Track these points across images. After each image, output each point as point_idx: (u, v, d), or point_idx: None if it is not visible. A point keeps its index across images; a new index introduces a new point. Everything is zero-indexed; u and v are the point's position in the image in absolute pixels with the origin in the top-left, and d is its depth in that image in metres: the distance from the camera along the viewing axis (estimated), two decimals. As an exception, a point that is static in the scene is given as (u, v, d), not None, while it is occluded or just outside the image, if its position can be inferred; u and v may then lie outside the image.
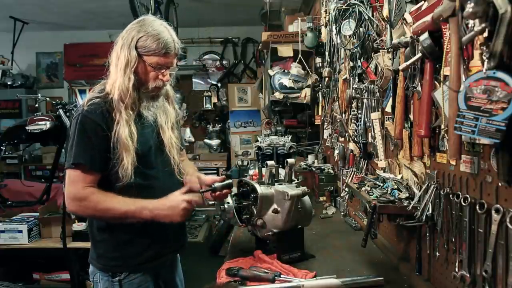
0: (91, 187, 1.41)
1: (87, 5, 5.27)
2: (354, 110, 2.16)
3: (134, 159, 1.42)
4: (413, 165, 1.47)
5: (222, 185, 1.63)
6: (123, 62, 1.43)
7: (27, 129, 3.44)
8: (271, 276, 1.43)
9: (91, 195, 1.40)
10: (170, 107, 1.64)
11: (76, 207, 1.42)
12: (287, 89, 3.53)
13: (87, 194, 1.40)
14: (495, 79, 0.88)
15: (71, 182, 1.42)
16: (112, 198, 1.42)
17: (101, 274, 1.51)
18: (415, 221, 1.31)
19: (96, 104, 1.44)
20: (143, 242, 1.51)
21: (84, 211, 1.46)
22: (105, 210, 1.42)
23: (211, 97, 6.34)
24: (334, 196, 2.65)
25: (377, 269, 1.59)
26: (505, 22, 0.83)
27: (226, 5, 5.42)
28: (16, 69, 6.36)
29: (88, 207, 1.41)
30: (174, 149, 1.59)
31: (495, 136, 0.88)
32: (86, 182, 1.40)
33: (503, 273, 0.96)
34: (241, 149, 6.20)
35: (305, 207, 1.69)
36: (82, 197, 1.40)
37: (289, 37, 3.63)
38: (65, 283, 3.32)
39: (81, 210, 1.44)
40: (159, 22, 1.49)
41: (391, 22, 1.58)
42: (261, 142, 2.65)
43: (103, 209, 1.41)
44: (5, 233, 2.95)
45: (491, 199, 1.02)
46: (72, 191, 1.41)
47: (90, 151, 1.41)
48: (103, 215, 1.45)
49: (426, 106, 1.23)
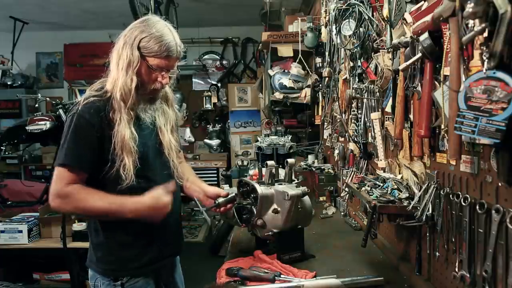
0: (74, 184, 1.39)
1: (87, 5, 5.27)
2: (354, 110, 2.16)
3: (136, 161, 1.42)
4: (413, 165, 1.47)
5: (225, 200, 1.65)
6: (125, 61, 1.42)
7: (27, 129, 3.45)
8: (271, 276, 1.43)
9: (74, 193, 1.38)
10: (170, 110, 1.63)
11: (58, 203, 1.40)
12: (287, 89, 3.53)
13: (70, 191, 1.38)
14: (495, 79, 0.88)
15: (56, 180, 1.40)
16: (94, 196, 1.39)
17: (102, 278, 1.50)
18: (415, 221, 1.31)
19: (92, 103, 1.42)
20: (140, 245, 1.50)
21: (65, 208, 1.43)
22: (85, 208, 1.40)
23: (211, 97, 6.34)
24: (334, 196, 2.65)
25: (377, 269, 1.59)
26: (505, 22, 0.83)
27: (226, 5, 5.42)
28: (16, 69, 6.36)
29: (69, 203, 1.39)
30: (173, 151, 1.58)
31: (495, 136, 0.88)
32: (70, 180, 1.39)
33: (503, 273, 0.96)
34: (241, 149, 6.20)
35: (305, 207, 1.68)
36: (64, 194, 1.38)
37: (289, 37, 3.63)
38: (65, 283, 3.32)
39: (62, 206, 1.42)
40: (163, 24, 1.47)
41: (391, 22, 1.58)
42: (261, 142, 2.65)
43: (84, 206, 1.40)
44: (5, 233, 2.95)
45: (491, 199, 1.02)
46: (55, 188, 1.40)
47: (80, 151, 1.40)
48: (85, 213, 1.45)
49: (426, 106, 1.23)
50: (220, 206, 1.65)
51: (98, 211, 1.41)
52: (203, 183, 1.75)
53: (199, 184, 1.73)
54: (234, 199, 1.68)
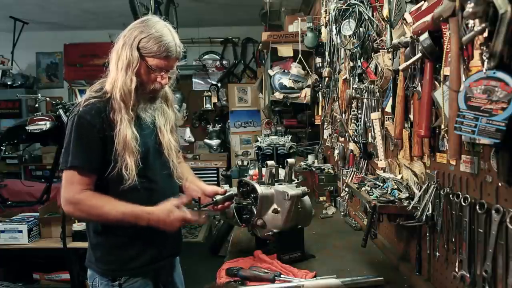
0: (87, 191, 1.40)
1: (87, 5, 5.27)
2: (354, 110, 2.16)
3: (138, 161, 1.42)
4: (413, 165, 1.47)
5: (224, 198, 1.65)
6: (125, 62, 1.42)
7: (27, 129, 3.44)
8: (271, 276, 1.43)
9: (86, 200, 1.39)
10: (169, 110, 1.63)
11: (71, 209, 1.42)
12: (287, 89, 3.53)
13: (83, 198, 1.39)
14: (495, 79, 0.88)
15: (67, 184, 1.41)
16: (108, 204, 1.40)
17: (101, 278, 1.50)
18: (415, 221, 1.31)
19: (92, 104, 1.42)
20: (139, 246, 1.50)
21: (79, 215, 1.46)
22: (98, 215, 1.42)
23: (211, 97, 6.34)
24: (334, 196, 2.65)
25: (377, 269, 1.59)
26: (505, 22, 0.83)
27: (226, 5, 5.42)
28: (16, 69, 6.36)
29: (83, 210, 1.41)
30: (173, 152, 1.58)
31: (495, 136, 0.88)
32: (82, 185, 1.40)
33: (503, 273, 0.96)
34: (241, 149, 6.20)
35: (305, 207, 1.69)
36: (77, 201, 1.39)
37: (289, 37, 3.63)
38: (65, 283, 3.32)
39: (76, 213, 1.44)
40: (163, 24, 1.47)
41: (391, 22, 1.58)
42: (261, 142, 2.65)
43: (97, 214, 1.42)
44: (5, 233, 2.95)
45: (491, 199, 1.02)
46: (68, 194, 1.40)
47: (86, 152, 1.40)
48: (97, 219, 1.46)
49: (426, 106, 1.23)
50: (218, 203, 1.64)
51: (111, 219, 1.41)
52: (202, 182, 1.75)
53: (197, 184, 1.73)
54: (232, 197, 1.68)
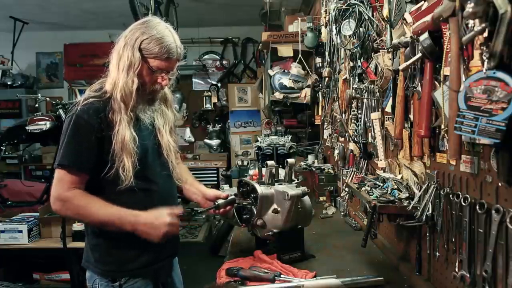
0: (76, 189, 1.40)
1: (87, 5, 5.27)
2: (354, 110, 2.16)
3: (136, 162, 1.42)
4: (413, 165, 1.47)
5: (225, 202, 1.65)
6: (126, 62, 1.42)
7: (27, 129, 3.45)
8: (271, 276, 1.43)
9: (74, 198, 1.39)
10: (168, 111, 1.63)
11: (59, 207, 1.41)
12: (287, 89, 3.53)
13: (71, 196, 1.39)
14: (495, 79, 0.88)
15: (57, 182, 1.41)
16: (95, 204, 1.40)
17: (101, 279, 1.49)
18: (415, 221, 1.31)
19: (91, 104, 1.42)
20: (138, 247, 1.49)
21: (66, 213, 1.44)
22: (85, 215, 1.42)
23: (211, 97, 6.33)
24: (334, 196, 2.65)
25: (377, 269, 1.59)
26: (505, 22, 0.83)
27: (226, 5, 5.42)
28: (16, 69, 6.36)
29: (70, 209, 1.40)
30: (172, 152, 1.58)
31: (495, 136, 0.88)
32: (71, 183, 1.39)
33: (503, 273, 0.96)
34: (241, 149, 6.20)
35: (305, 207, 1.69)
36: (65, 198, 1.39)
37: (289, 37, 3.63)
38: (65, 283, 3.32)
39: (63, 211, 1.42)
40: (164, 25, 1.47)
41: (391, 22, 1.58)
42: (261, 142, 2.66)
43: (84, 214, 1.41)
44: (5, 233, 2.95)
45: (491, 199, 1.02)
46: (56, 192, 1.40)
47: (79, 152, 1.40)
48: (83, 219, 1.46)
49: (426, 106, 1.23)
50: (219, 208, 1.65)
51: (97, 220, 1.42)
52: (202, 185, 1.75)
53: (197, 186, 1.73)
54: (233, 201, 1.69)
